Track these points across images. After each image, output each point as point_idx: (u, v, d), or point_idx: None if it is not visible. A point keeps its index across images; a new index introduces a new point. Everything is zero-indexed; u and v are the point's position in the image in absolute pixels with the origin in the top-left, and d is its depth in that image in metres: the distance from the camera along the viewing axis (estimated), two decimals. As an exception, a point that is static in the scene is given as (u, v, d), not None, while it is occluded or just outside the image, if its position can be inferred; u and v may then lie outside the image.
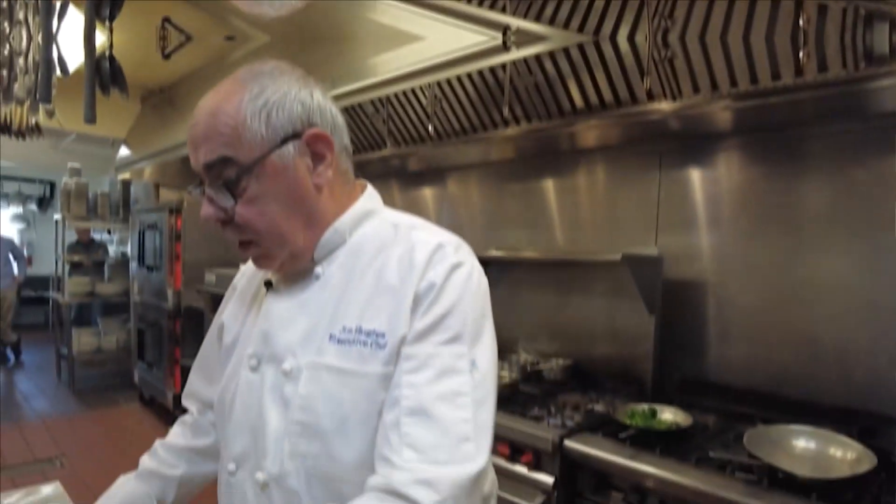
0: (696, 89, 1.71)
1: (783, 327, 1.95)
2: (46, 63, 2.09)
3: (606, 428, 1.78)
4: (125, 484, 1.04)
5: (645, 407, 1.89)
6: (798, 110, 1.77)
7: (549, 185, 2.72)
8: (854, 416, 1.72)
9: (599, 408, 2.02)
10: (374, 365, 0.76)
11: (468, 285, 0.80)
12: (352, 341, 0.78)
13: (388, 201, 0.97)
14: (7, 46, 2.40)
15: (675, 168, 2.25)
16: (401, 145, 2.83)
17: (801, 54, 1.44)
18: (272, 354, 0.83)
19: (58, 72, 2.13)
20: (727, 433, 1.78)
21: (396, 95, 2.58)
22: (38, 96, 2.11)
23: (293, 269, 0.86)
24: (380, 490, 0.69)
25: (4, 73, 2.43)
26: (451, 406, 0.72)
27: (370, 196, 0.92)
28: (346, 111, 2.83)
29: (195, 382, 1.10)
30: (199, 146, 0.78)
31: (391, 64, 2.48)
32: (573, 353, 2.45)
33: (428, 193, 3.40)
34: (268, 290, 0.90)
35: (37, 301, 9.19)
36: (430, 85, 2.40)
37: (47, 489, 1.41)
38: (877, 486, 1.37)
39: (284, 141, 0.79)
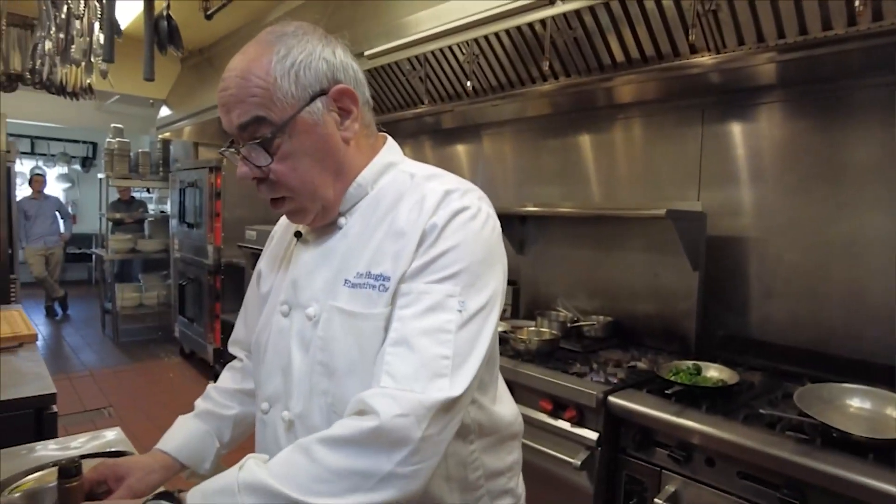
0: (740, 42, 1.67)
1: (829, 284, 1.91)
2: (110, 24, 2.15)
3: (650, 385, 1.77)
4: (186, 423, 1.08)
5: (689, 364, 1.87)
6: (846, 62, 1.72)
7: (586, 141, 2.69)
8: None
9: (642, 365, 2.01)
10: (379, 307, 0.80)
11: (469, 227, 0.81)
12: (362, 285, 0.82)
13: (421, 158, 0.98)
14: (66, 9, 2.45)
15: (716, 122, 2.21)
16: (437, 102, 2.81)
17: (856, 3, 1.38)
18: (299, 301, 0.88)
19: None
20: (775, 391, 1.75)
21: (434, 53, 2.54)
22: (102, 57, 2.18)
23: (324, 222, 0.89)
24: (350, 411, 0.72)
25: (62, 35, 2.49)
26: (432, 341, 0.74)
27: (390, 148, 0.94)
28: (382, 70, 2.82)
29: (240, 330, 1.14)
30: (232, 108, 0.81)
31: (428, 22, 2.45)
32: (613, 310, 2.44)
33: (462, 150, 3.38)
34: (297, 239, 0.94)
35: (81, 258, 9.52)
36: (468, 42, 2.36)
37: (110, 434, 1.48)
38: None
39: (313, 98, 0.82)
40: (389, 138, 0.96)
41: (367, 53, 2.67)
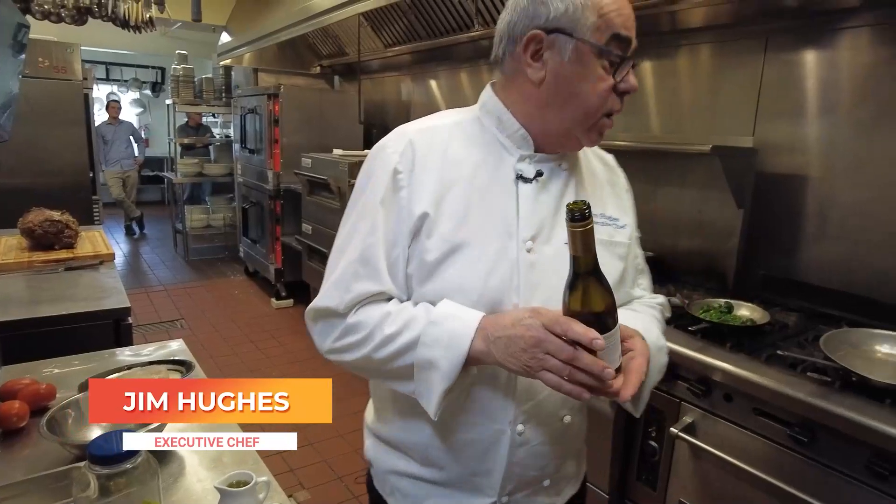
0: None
1: (890, 228, 1.83)
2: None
3: (679, 321, 1.80)
4: None
5: (721, 302, 1.88)
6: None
7: (647, 69, 2.58)
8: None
9: (675, 300, 2.02)
10: (622, 238, 1.02)
11: None
12: (602, 224, 0.99)
13: (478, 85, 1.00)
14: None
15: (784, 50, 2.06)
16: (489, 25, 2.73)
17: None
18: (548, 237, 0.95)
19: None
20: (806, 333, 1.76)
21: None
22: None
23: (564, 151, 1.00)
24: (655, 303, 1.10)
25: None
26: (644, 262, 1.12)
27: None
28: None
29: (373, 282, 0.90)
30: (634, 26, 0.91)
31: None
32: (657, 245, 2.41)
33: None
34: (534, 179, 0.95)
35: (154, 180, 10.03)
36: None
37: (174, 344, 1.67)
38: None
39: None
40: None
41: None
